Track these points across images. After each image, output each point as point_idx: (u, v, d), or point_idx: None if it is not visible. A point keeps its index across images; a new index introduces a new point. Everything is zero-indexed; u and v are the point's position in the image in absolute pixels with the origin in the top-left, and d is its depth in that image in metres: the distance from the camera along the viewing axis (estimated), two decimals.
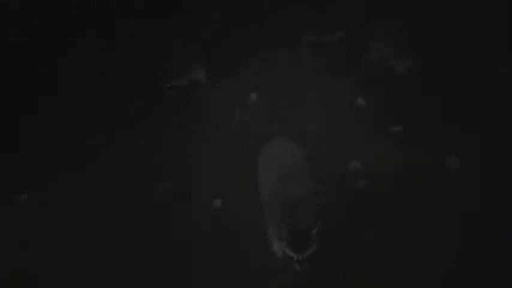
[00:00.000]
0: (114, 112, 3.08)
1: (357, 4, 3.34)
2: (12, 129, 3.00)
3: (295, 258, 2.13)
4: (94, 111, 3.08)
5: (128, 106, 3.11)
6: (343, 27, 3.29)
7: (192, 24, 3.32)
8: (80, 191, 2.80)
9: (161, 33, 3.25)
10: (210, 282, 2.42)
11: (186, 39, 3.26)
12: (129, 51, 3.22)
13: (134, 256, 2.53)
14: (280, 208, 2.16)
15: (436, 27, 3.15)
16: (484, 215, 2.50)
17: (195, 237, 2.57)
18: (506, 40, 3.08)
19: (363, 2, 3.34)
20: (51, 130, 3.02)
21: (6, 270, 2.55)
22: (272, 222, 2.20)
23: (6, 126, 3.00)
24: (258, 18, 3.34)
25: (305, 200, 2.18)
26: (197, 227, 2.61)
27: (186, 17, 3.31)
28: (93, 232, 2.64)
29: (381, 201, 2.59)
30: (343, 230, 2.49)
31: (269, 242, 2.31)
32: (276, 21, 3.33)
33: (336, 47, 3.23)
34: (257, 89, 3.08)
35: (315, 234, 2.12)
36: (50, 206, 2.76)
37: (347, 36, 3.26)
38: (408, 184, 2.64)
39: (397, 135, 2.84)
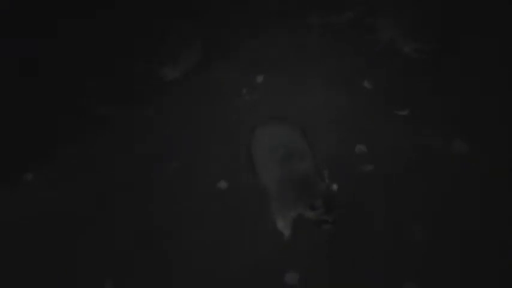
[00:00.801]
0: (117, 88, 3.06)
1: None
2: (13, 105, 2.98)
3: (329, 221, 2.21)
4: (97, 86, 3.06)
5: (131, 82, 3.08)
6: (351, 8, 3.25)
7: (195, 5, 3.31)
8: (84, 168, 2.77)
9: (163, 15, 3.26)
10: (213, 260, 2.39)
11: (188, 20, 3.25)
12: (131, 27, 3.21)
13: (138, 234, 2.50)
14: (294, 186, 2.19)
15: (445, 9, 3.13)
16: (490, 197, 2.45)
17: (200, 217, 2.53)
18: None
19: None
20: (53, 105, 2.99)
21: (10, 252, 2.51)
22: (287, 201, 2.23)
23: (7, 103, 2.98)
24: None
25: (314, 173, 2.24)
26: (202, 207, 2.56)
27: None
28: (97, 210, 2.60)
29: (387, 184, 2.54)
30: (349, 212, 2.43)
31: (275, 221, 2.34)
32: (283, 1, 3.29)
33: (342, 28, 3.18)
34: (263, 71, 3.04)
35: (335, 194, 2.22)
36: (55, 184, 2.72)
37: (354, 17, 3.21)
38: (414, 167, 2.58)
39: (404, 118, 2.79)
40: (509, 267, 2.23)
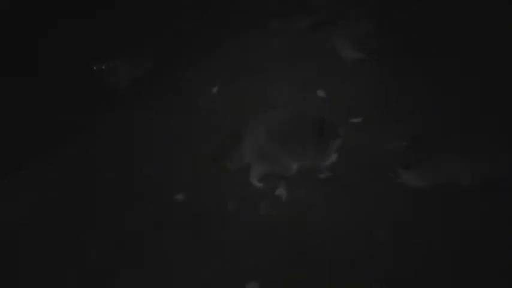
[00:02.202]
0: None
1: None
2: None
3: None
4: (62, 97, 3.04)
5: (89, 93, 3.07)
6: (309, 15, 3.25)
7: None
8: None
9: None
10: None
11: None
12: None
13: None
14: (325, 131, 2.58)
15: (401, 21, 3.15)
16: (444, 198, 2.47)
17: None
18: None
19: None
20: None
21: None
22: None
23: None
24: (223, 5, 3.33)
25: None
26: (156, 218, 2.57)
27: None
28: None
29: (344, 191, 2.55)
30: (307, 218, 2.48)
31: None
32: (240, 9, 3.30)
33: (299, 35, 3.19)
34: (220, 80, 3.03)
35: None
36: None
37: (312, 25, 3.21)
38: (370, 174, 2.60)
39: (358, 126, 2.79)
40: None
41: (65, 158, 2.81)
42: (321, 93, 2.93)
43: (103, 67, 3.07)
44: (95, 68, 3.06)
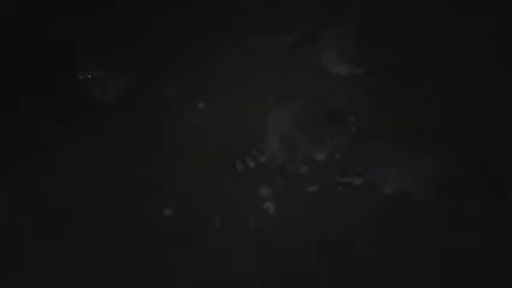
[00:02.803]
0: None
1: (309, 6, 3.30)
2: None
3: None
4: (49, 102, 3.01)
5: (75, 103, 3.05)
6: (292, 31, 3.23)
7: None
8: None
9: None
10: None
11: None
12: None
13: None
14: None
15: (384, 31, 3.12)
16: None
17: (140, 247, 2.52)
18: None
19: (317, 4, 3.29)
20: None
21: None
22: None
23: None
24: (209, 20, 3.31)
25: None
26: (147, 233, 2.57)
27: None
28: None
29: (332, 203, 2.55)
30: (297, 229, 2.49)
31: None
32: (225, 24, 3.28)
33: (284, 50, 3.16)
34: (205, 95, 3.01)
35: None
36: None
37: (296, 40, 3.19)
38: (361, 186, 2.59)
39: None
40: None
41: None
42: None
43: (89, 76, 3.05)
44: (81, 77, 3.04)
